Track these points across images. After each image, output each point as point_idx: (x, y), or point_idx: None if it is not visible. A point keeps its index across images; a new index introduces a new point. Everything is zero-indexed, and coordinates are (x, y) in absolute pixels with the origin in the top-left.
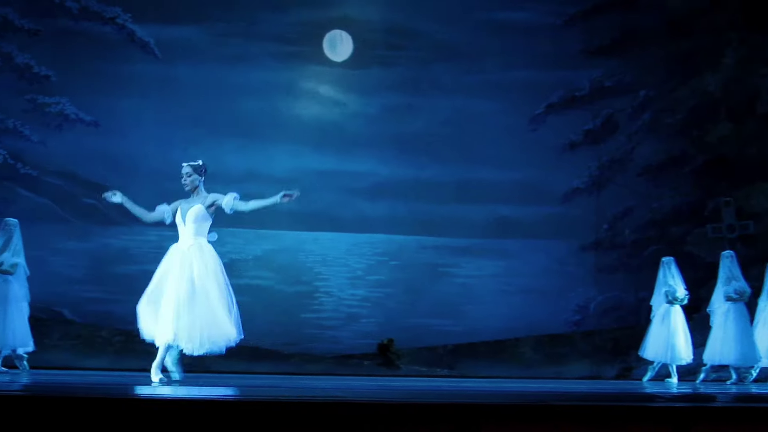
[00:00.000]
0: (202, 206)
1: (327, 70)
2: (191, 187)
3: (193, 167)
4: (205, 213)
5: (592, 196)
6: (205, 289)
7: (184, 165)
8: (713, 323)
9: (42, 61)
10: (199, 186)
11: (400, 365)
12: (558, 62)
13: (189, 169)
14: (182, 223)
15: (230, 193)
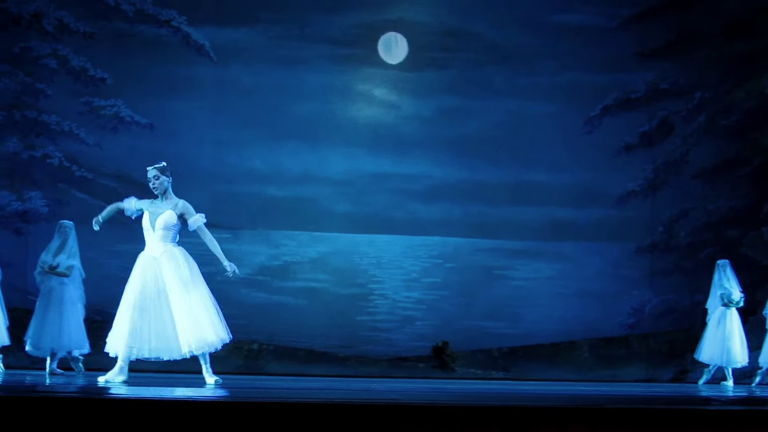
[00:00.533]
0: (173, 213)
1: (382, 73)
2: (161, 190)
3: (159, 169)
4: (177, 221)
5: (648, 199)
6: (187, 297)
7: (149, 169)
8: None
9: (98, 64)
10: (167, 188)
11: (454, 368)
12: (613, 64)
13: (155, 171)
14: (150, 229)
15: (201, 214)
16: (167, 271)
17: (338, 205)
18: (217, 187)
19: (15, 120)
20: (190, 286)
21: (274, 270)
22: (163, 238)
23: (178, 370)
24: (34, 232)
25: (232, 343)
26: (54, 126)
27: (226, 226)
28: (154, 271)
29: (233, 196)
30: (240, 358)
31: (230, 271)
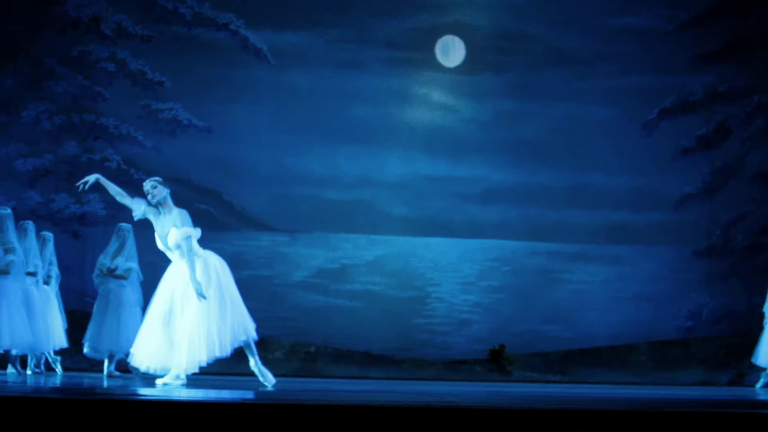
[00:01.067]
0: (178, 230)
1: (439, 76)
2: (159, 200)
3: (158, 181)
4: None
5: (705, 202)
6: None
7: (147, 181)
8: None
9: (156, 67)
10: (166, 197)
11: (511, 371)
12: (671, 68)
13: (153, 182)
14: (165, 248)
15: (197, 230)
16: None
17: (395, 208)
18: (275, 190)
19: (74, 123)
20: (196, 302)
21: (331, 273)
22: (182, 254)
23: (230, 372)
24: (92, 235)
25: (289, 345)
26: (112, 129)
27: (284, 229)
28: (181, 283)
29: (291, 199)
30: (297, 360)
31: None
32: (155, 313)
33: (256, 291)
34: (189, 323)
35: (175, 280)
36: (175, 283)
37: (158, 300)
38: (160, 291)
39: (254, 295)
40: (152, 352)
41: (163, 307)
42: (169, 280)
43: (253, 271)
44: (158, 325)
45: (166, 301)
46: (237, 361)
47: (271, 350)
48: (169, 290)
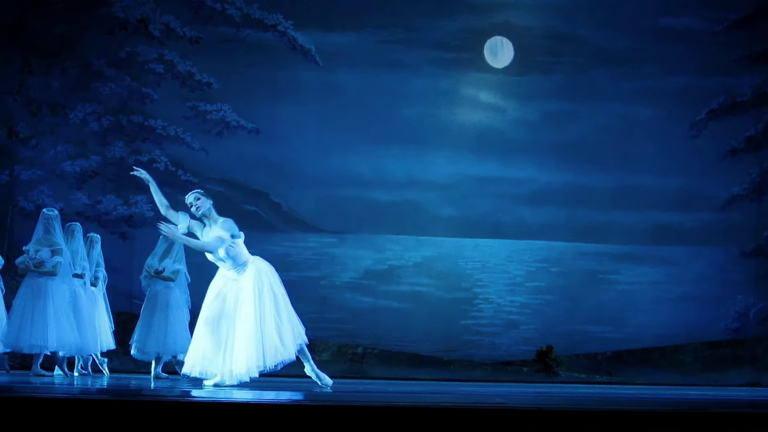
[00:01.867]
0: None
1: (487, 77)
2: (204, 212)
3: (201, 192)
4: (234, 243)
5: (753, 203)
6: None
7: (190, 194)
8: None
9: (204, 68)
10: (210, 209)
11: (559, 372)
12: (719, 68)
13: (197, 194)
14: (216, 258)
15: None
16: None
17: (443, 209)
18: (323, 192)
19: (121, 124)
20: (251, 310)
21: (379, 274)
22: (233, 264)
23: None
24: (140, 236)
25: (336, 347)
26: (160, 130)
27: (331, 230)
28: (233, 290)
29: (338, 200)
30: (345, 361)
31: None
32: (204, 318)
33: (304, 292)
34: (246, 329)
35: (226, 287)
36: (227, 290)
37: (208, 306)
38: (210, 297)
39: (302, 297)
40: (198, 356)
41: (212, 312)
42: (220, 287)
43: (301, 272)
44: (206, 331)
45: (216, 307)
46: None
47: (319, 352)
48: (220, 296)
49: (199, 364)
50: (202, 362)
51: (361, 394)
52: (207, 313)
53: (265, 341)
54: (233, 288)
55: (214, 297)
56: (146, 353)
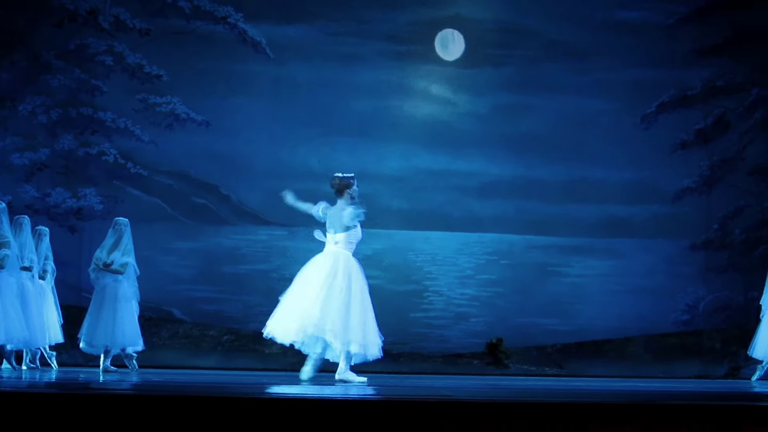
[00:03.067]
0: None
1: (438, 70)
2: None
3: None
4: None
5: (703, 196)
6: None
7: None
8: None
9: (154, 61)
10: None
11: (509, 364)
12: (670, 61)
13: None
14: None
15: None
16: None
17: (394, 202)
18: (273, 184)
19: (71, 117)
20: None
21: None
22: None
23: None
24: (89, 229)
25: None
26: (109, 123)
27: (282, 223)
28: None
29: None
30: (294, 355)
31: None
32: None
33: (254, 285)
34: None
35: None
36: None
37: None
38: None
39: (252, 290)
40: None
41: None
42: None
43: (251, 265)
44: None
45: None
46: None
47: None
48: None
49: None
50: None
51: (309, 387)
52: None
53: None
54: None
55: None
56: (95, 346)
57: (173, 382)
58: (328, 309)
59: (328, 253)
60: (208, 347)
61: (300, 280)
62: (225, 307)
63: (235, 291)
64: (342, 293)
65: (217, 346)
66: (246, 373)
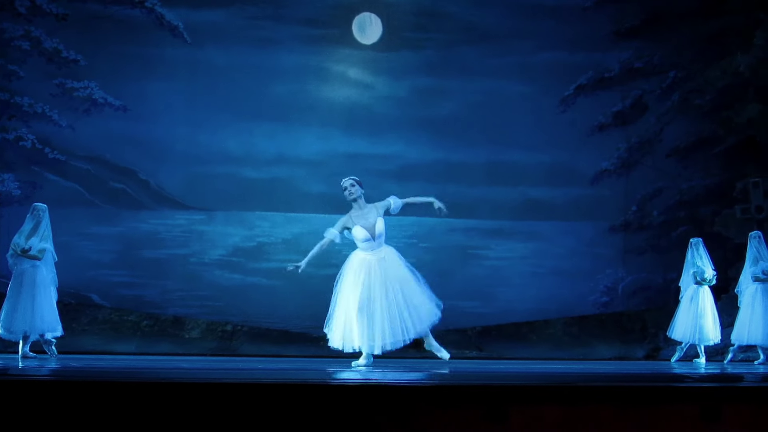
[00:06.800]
0: (382, 219)
1: (356, 53)
2: (355, 196)
3: (354, 180)
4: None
5: (621, 178)
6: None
7: (345, 179)
8: (741, 304)
9: (70, 45)
10: (361, 196)
11: (428, 348)
12: (588, 44)
13: (351, 180)
14: (368, 237)
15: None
16: (392, 270)
17: (312, 186)
18: (191, 169)
19: None
20: (408, 278)
21: (248, 251)
22: (383, 243)
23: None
24: (7, 214)
25: (205, 324)
26: (27, 108)
27: (200, 207)
28: (380, 271)
29: (207, 177)
30: (214, 339)
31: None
32: (356, 299)
33: (173, 270)
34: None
35: (371, 269)
36: (373, 273)
37: (357, 287)
38: (357, 280)
39: (170, 274)
40: (350, 335)
41: (364, 294)
42: (365, 269)
43: (170, 250)
44: (356, 311)
45: (366, 289)
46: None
47: (188, 329)
48: (367, 279)
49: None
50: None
51: (230, 371)
52: (358, 295)
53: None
54: (379, 270)
55: (361, 280)
56: (13, 332)
57: (92, 367)
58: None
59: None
60: (128, 332)
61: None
62: (144, 292)
63: (154, 276)
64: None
65: (137, 331)
66: (165, 358)
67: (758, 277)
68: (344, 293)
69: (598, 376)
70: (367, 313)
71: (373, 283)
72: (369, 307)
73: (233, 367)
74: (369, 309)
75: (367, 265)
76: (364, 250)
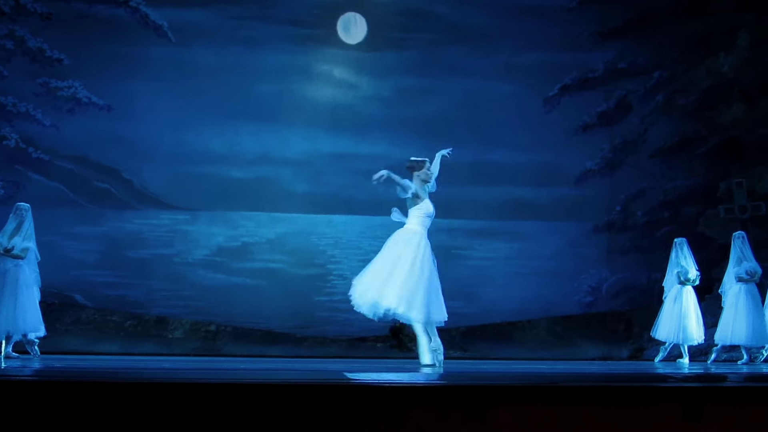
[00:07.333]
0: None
1: (341, 53)
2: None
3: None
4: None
5: (605, 178)
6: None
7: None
8: (725, 304)
9: (55, 44)
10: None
11: (412, 347)
12: (572, 44)
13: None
14: (431, 214)
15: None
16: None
17: (297, 186)
18: (176, 168)
19: None
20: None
21: (233, 251)
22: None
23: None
24: None
25: (189, 324)
26: (10, 107)
27: (185, 207)
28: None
29: (192, 177)
30: (198, 339)
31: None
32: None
33: (157, 270)
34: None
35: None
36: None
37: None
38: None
39: (154, 274)
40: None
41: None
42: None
43: (154, 249)
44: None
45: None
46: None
47: (171, 329)
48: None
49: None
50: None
51: (213, 371)
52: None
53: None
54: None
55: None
56: None
57: (75, 367)
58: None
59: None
60: (111, 333)
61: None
62: (128, 292)
63: (138, 275)
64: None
65: (120, 331)
66: (149, 358)
67: (742, 278)
68: (409, 260)
69: (581, 376)
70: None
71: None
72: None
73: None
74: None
75: (426, 241)
76: (425, 225)
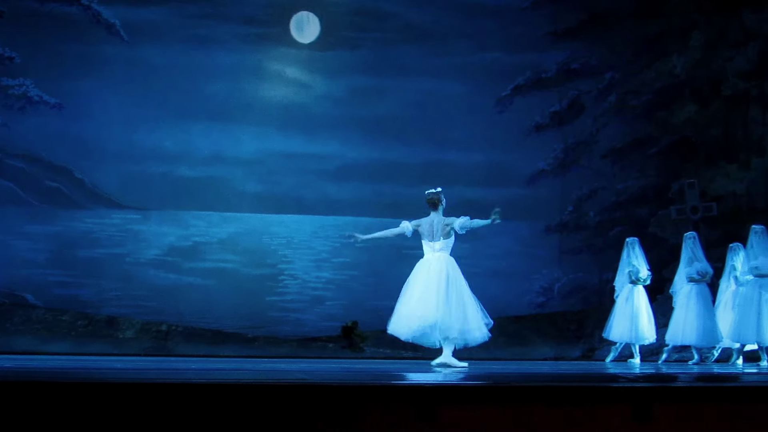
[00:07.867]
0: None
1: (293, 52)
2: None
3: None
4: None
5: (558, 178)
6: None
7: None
8: (676, 304)
9: (5, 42)
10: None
11: (364, 348)
12: (525, 44)
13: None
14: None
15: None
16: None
17: (248, 185)
18: (127, 168)
19: None
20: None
21: (184, 250)
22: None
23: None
24: None
25: (140, 324)
26: None
27: (136, 206)
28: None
29: (143, 176)
30: (149, 339)
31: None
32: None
33: (108, 270)
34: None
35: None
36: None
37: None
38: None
39: (105, 274)
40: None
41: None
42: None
43: (105, 249)
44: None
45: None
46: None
47: (122, 329)
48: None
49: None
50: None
51: (164, 371)
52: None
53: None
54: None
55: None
56: None
57: (25, 367)
58: (449, 309)
59: (434, 259)
60: (62, 332)
61: (416, 285)
62: (79, 292)
63: (89, 275)
64: (455, 292)
65: (71, 331)
66: (99, 358)
67: (693, 278)
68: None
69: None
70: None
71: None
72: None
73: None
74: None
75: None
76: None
